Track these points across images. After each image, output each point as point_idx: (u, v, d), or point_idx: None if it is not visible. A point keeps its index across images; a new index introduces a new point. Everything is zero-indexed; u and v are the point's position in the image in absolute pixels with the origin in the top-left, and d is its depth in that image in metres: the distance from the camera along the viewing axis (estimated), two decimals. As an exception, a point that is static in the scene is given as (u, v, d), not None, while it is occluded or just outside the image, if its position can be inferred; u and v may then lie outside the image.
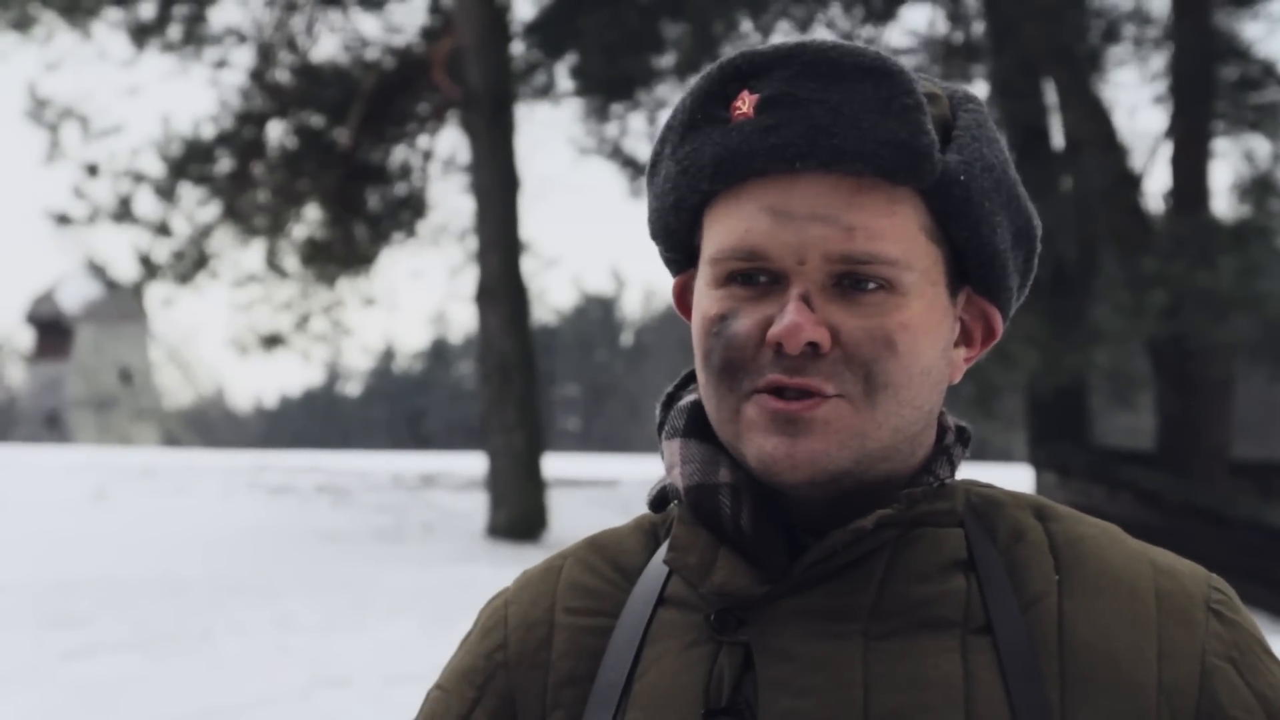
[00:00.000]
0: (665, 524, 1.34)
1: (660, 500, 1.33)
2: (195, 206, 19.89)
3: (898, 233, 1.20)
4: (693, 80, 1.26)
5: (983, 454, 38.48)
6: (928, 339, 1.22)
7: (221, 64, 19.84)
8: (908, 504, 1.23)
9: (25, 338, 72.65)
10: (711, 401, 1.25)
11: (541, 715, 1.28)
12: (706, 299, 1.24)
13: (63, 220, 19.58)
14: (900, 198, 1.20)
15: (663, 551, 1.30)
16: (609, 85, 18.97)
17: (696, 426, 1.29)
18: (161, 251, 19.74)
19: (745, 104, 1.21)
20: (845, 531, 1.21)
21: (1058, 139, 17.40)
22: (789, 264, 1.19)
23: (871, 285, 1.20)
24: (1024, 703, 1.19)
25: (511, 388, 17.07)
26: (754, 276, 1.21)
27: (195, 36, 19.53)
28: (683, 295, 1.32)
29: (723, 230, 1.22)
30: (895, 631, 1.21)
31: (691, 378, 1.34)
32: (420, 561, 14.40)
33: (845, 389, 1.20)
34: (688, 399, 1.32)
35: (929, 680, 1.19)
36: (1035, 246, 1.31)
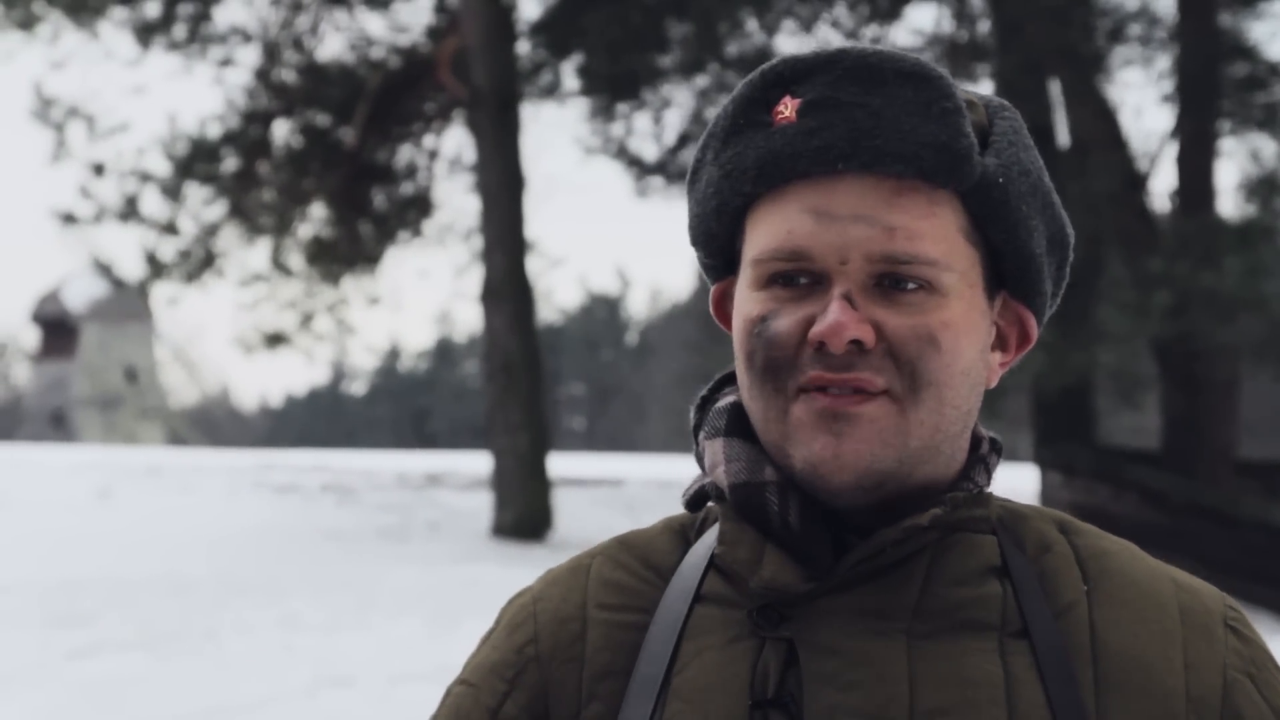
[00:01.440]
0: (695, 525, 1.35)
1: (697, 500, 1.34)
2: (201, 205, 19.91)
3: (937, 234, 1.22)
4: (735, 87, 1.28)
5: (988, 454, 38.49)
6: (968, 339, 1.25)
7: (227, 63, 19.85)
8: (952, 506, 1.26)
9: (31, 337, 72.79)
10: (758, 403, 1.26)
11: (577, 708, 1.28)
12: (748, 301, 1.26)
13: (68, 219, 19.60)
14: (940, 200, 1.23)
15: (697, 550, 1.31)
16: (614, 84, 18.97)
17: (739, 426, 1.30)
18: (167, 250, 19.77)
19: (788, 108, 1.24)
20: (896, 529, 1.23)
21: (1063, 139, 17.39)
22: (831, 264, 1.22)
23: (911, 285, 1.22)
24: (1063, 704, 1.22)
25: (516, 387, 17.07)
26: (795, 278, 1.23)
27: (201, 35, 19.55)
28: (721, 303, 1.34)
29: (766, 232, 1.24)
30: (936, 632, 1.23)
31: (725, 381, 1.36)
32: (425, 561, 14.40)
33: (892, 385, 1.22)
34: (726, 400, 1.33)
35: (973, 680, 1.21)
36: (1068, 254, 1.34)
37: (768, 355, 1.24)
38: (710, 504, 1.33)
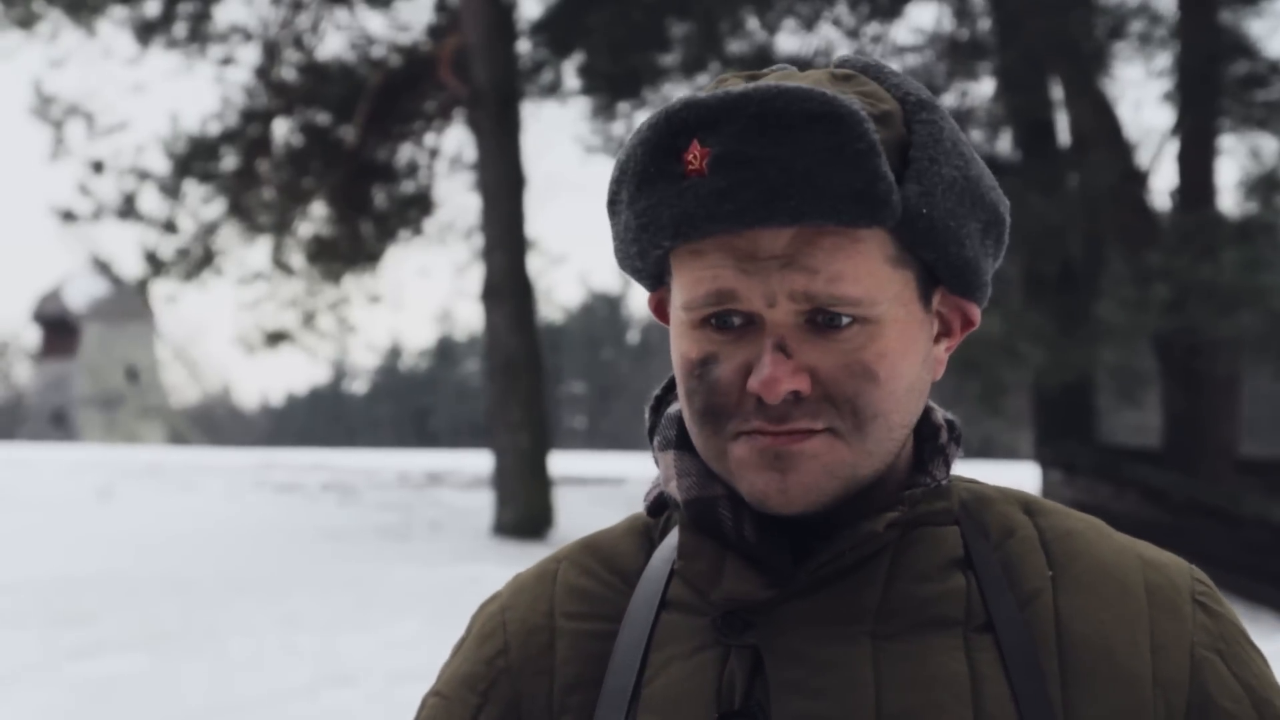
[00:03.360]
0: (659, 526, 1.35)
1: (657, 506, 1.34)
2: (201, 204, 19.91)
3: (859, 272, 1.20)
4: (641, 126, 1.25)
5: (989, 451, 38.45)
6: (906, 360, 1.24)
7: (227, 61, 19.85)
8: (910, 505, 1.25)
9: (32, 336, 72.85)
10: (698, 440, 1.26)
11: None
12: (685, 340, 1.25)
13: (68, 217, 19.61)
14: (863, 236, 1.20)
15: (661, 554, 1.31)
16: (615, 83, 18.95)
17: (688, 438, 1.30)
18: (167, 248, 19.77)
19: (697, 160, 1.19)
20: (853, 535, 1.22)
21: (1064, 135, 17.39)
22: (759, 306, 1.20)
23: (845, 320, 1.20)
24: (1029, 700, 1.21)
25: (518, 385, 17.07)
26: (728, 319, 1.22)
27: (200, 34, 19.54)
28: (660, 307, 1.33)
29: (691, 279, 1.22)
30: (901, 631, 1.23)
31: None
32: (426, 559, 14.40)
33: (833, 423, 1.21)
34: (675, 407, 1.33)
35: (937, 679, 1.21)
36: (1005, 225, 1.31)
37: (707, 400, 1.23)
38: (671, 510, 1.33)
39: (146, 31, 19.21)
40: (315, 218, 20.69)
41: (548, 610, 1.32)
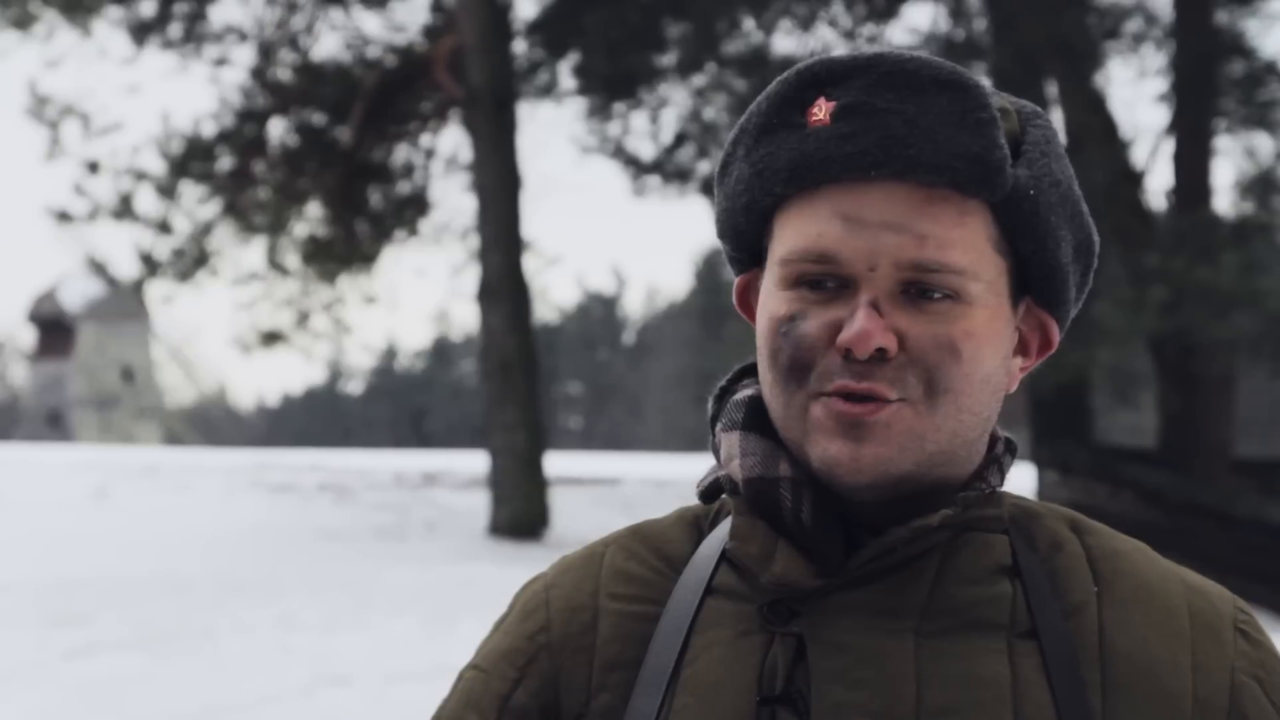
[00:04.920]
0: (709, 516, 1.35)
1: (711, 491, 1.34)
2: (196, 204, 19.90)
3: (967, 243, 1.23)
4: (770, 85, 1.28)
5: (985, 452, 38.47)
6: (990, 347, 1.26)
7: (222, 62, 19.84)
8: (963, 507, 1.26)
9: (27, 336, 72.75)
10: (779, 400, 1.27)
11: (586, 698, 1.29)
12: (775, 300, 1.26)
13: (63, 217, 19.59)
14: (970, 209, 1.23)
15: (710, 542, 1.32)
16: (611, 84, 18.96)
17: (755, 420, 1.31)
18: (162, 249, 19.75)
19: (822, 111, 1.23)
20: (907, 529, 1.24)
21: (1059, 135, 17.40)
22: (859, 269, 1.22)
23: (938, 294, 1.23)
24: (1069, 706, 1.22)
25: (513, 386, 17.07)
26: (822, 281, 1.24)
27: (196, 34, 19.54)
28: (744, 295, 1.34)
29: (795, 233, 1.24)
30: (945, 631, 1.24)
31: (744, 373, 1.36)
32: (422, 560, 14.40)
33: (908, 393, 1.23)
34: (744, 393, 1.34)
35: (979, 679, 1.22)
36: (1093, 261, 1.34)
37: (793, 355, 1.24)
38: (724, 496, 1.34)
39: (142, 32, 19.20)
40: (311, 218, 20.69)
41: (593, 590, 1.32)
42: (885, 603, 1.24)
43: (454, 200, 31.81)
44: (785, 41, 18.15)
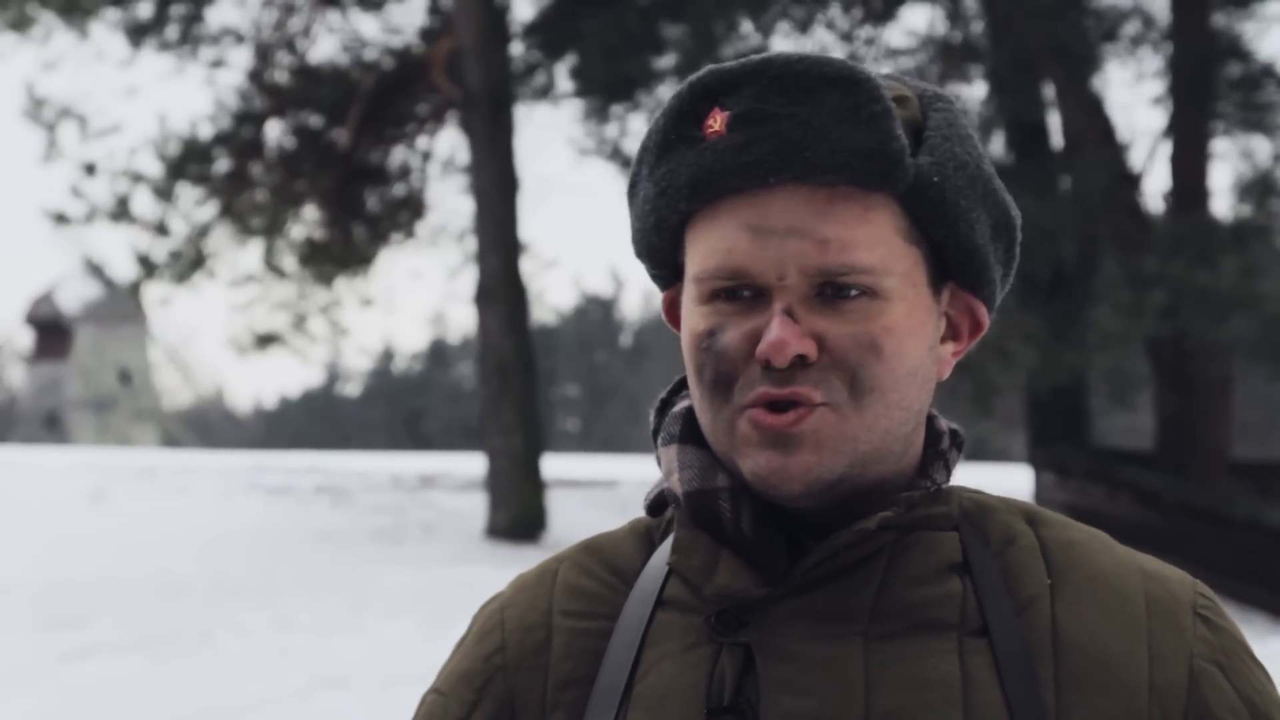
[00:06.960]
0: (660, 528, 1.35)
1: (657, 504, 1.35)
2: (193, 206, 19.87)
3: (873, 239, 1.22)
4: (665, 100, 1.28)
5: (981, 454, 38.46)
6: (912, 340, 1.25)
7: (219, 64, 19.83)
8: (906, 507, 1.25)
9: (24, 338, 72.69)
10: (706, 415, 1.27)
11: (541, 717, 1.29)
12: (694, 315, 1.26)
13: (60, 219, 19.57)
14: (875, 204, 1.22)
15: (660, 554, 1.32)
16: (608, 86, 18.96)
17: (692, 432, 1.31)
18: (159, 251, 19.73)
19: (717, 122, 1.23)
20: (848, 533, 1.23)
21: (1057, 138, 17.41)
22: (770, 280, 1.22)
23: (853, 292, 1.22)
24: (1021, 704, 1.21)
25: (511, 388, 17.07)
26: (738, 292, 1.23)
27: (193, 36, 19.53)
28: (672, 309, 1.34)
29: (705, 250, 1.24)
30: (894, 633, 1.23)
31: (684, 383, 1.36)
32: (419, 562, 14.39)
33: (831, 396, 1.22)
34: (682, 405, 1.34)
35: (928, 681, 1.21)
36: (1015, 236, 1.32)
37: (716, 370, 1.24)
38: (671, 508, 1.33)
39: (139, 34, 19.19)
40: (308, 220, 20.67)
41: (546, 609, 1.32)
42: (832, 608, 1.23)
43: (451, 202, 31.84)
44: (783, 44, 18.15)
